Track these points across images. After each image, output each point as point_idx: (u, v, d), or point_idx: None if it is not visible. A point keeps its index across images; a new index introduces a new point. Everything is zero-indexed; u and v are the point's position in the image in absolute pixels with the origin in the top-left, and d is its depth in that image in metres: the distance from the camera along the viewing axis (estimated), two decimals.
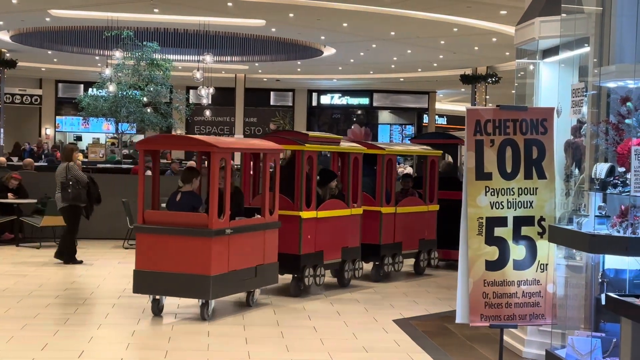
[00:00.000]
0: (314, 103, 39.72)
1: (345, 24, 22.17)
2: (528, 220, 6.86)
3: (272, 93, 39.63)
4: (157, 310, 9.11)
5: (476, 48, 25.88)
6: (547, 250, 6.84)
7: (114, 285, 11.15)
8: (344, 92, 39.36)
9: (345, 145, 11.42)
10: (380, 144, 12.42)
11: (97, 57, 28.92)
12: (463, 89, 38.01)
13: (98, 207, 13.33)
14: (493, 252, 6.85)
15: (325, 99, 39.74)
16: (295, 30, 23.83)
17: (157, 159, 9.99)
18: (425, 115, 39.50)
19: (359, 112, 40.02)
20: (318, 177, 11.08)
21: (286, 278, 10.64)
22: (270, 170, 10.02)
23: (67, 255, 12.88)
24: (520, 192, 6.86)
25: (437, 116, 41.98)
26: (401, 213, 12.11)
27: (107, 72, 23.96)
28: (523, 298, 6.85)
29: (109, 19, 22.93)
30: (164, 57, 25.33)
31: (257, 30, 24.27)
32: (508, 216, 6.86)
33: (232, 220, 9.12)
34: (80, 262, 12.95)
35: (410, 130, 39.85)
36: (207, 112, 34.88)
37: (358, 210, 11.30)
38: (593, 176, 6.41)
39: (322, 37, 25.09)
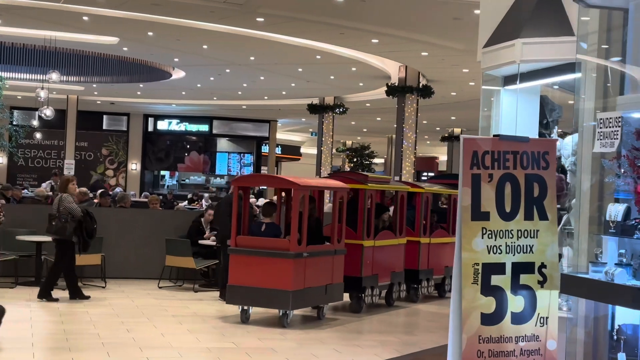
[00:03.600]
0: (150, 128, 38.11)
1: (205, 46, 21.00)
2: (527, 267, 6.00)
3: (105, 117, 37.71)
4: (245, 318, 10.63)
5: (332, 77, 25.36)
6: (548, 301, 6.01)
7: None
8: (183, 118, 37.98)
9: (395, 185, 13.34)
10: (420, 184, 14.11)
11: None
12: (304, 119, 37.58)
13: None
14: (489, 304, 5.95)
15: (163, 125, 38.20)
16: (148, 50, 22.38)
17: (248, 193, 11.41)
18: (265, 145, 38.70)
19: (198, 139, 38.70)
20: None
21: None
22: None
23: (42, 289, 11.83)
24: (519, 235, 6.00)
25: None
26: (434, 243, 13.74)
27: None
28: (521, 357, 5.97)
29: None
30: None
31: (107, 48, 22.63)
32: (506, 262, 5.97)
33: (308, 246, 10.67)
34: (56, 300, 11.74)
35: (249, 159, 38.91)
36: (38, 135, 32.65)
37: (403, 240, 12.92)
38: (608, 218, 5.67)
39: (176, 59, 23.75)
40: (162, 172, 39.40)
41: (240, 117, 37.49)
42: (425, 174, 47.62)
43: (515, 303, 5.99)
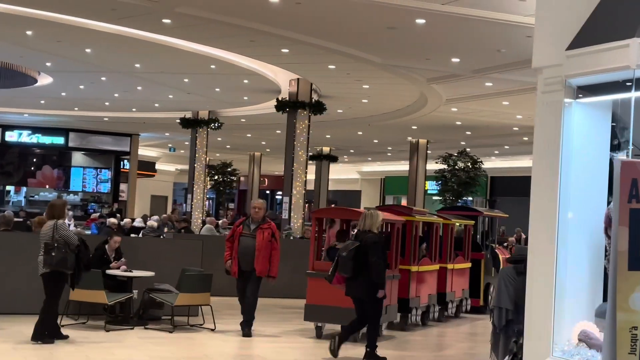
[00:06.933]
0: None
1: (88, 50, 18.84)
2: None
3: None
4: (320, 333, 11.91)
5: (217, 90, 23.62)
6: None
7: None
8: (36, 130, 34.98)
9: (431, 217, 14.43)
10: (448, 217, 15.17)
11: None
12: (167, 133, 35.57)
13: None
14: None
15: (12, 136, 35.04)
16: (19, 52, 19.91)
17: (322, 224, 13.08)
18: (125, 160, 36.28)
19: (52, 152, 35.77)
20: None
21: None
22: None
23: (48, 332, 10.46)
24: None
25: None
26: (456, 269, 15.03)
27: None
28: None
29: None
30: None
31: None
32: None
33: None
34: (66, 337, 10.58)
35: (107, 174, 36.38)
36: None
37: (436, 266, 14.22)
38: None
39: (48, 64, 21.32)
40: (8, 187, 36.35)
41: (100, 129, 34.98)
42: (280, 193, 46.24)
43: None
